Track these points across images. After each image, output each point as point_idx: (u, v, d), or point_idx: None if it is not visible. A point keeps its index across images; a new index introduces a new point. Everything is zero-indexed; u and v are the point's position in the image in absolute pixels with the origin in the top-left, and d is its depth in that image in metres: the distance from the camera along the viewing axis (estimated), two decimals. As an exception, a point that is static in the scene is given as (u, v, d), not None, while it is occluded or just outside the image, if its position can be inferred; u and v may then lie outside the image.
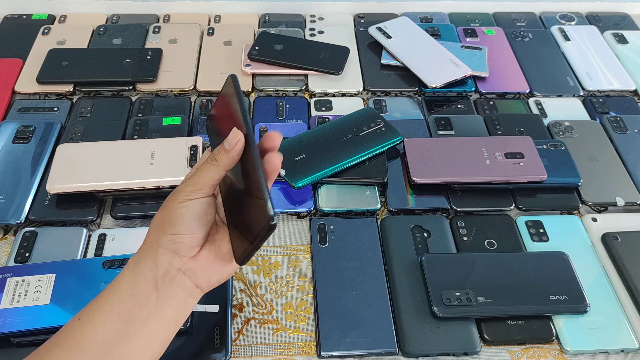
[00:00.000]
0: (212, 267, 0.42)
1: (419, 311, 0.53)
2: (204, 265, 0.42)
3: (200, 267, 0.42)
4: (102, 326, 0.39)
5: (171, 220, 0.41)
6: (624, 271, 0.56)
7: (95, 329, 0.39)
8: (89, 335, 0.39)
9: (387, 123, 0.67)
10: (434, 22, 0.90)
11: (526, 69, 0.81)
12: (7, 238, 0.60)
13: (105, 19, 0.88)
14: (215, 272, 0.43)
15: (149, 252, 0.41)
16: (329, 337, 0.51)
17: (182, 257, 0.41)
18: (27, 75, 0.76)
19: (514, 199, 0.63)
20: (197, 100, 0.75)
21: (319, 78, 0.77)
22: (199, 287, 0.42)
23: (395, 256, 0.58)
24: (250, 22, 0.88)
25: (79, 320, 0.40)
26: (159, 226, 0.42)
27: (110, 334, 0.39)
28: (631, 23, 0.92)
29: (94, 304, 0.41)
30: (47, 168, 0.64)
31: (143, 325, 0.40)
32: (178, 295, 0.41)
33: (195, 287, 0.42)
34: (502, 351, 0.52)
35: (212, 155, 0.42)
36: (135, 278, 0.41)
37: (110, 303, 0.40)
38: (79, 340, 0.39)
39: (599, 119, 0.74)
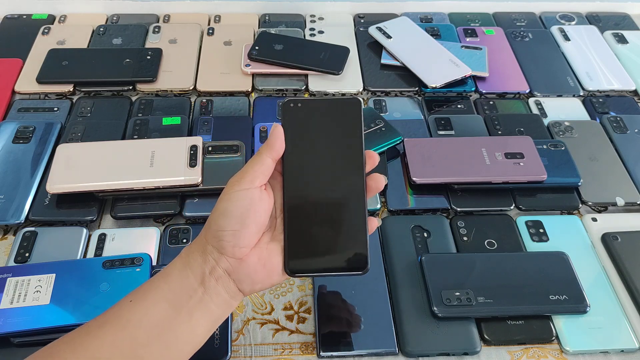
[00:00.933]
0: (257, 274, 0.42)
1: (419, 311, 0.53)
2: (250, 271, 0.41)
3: (246, 272, 0.41)
4: (153, 308, 0.40)
5: (215, 213, 0.41)
6: (624, 271, 0.56)
7: (147, 311, 0.40)
8: (139, 315, 0.40)
9: (387, 123, 0.67)
10: (434, 22, 0.90)
11: (526, 69, 0.81)
12: (7, 238, 0.60)
13: (105, 19, 0.88)
14: (259, 280, 0.42)
15: (200, 245, 0.42)
16: (328, 337, 0.51)
17: (229, 258, 0.41)
18: (27, 75, 0.76)
19: (514, 199, 0.63)
20: (197, 100, 0.75)
21: (319, 78, 0.77)
22: (241, 292, 0.42)
23: (395, 256, 0.58)
24: (250, 22, 0.88)
25: (130, 302, 0.40)
26: (208, 221, 0.42)
27: (160, 318, 0.40)
28: (631, 23, 0.92)
29: (145, 287, 0.41)
30: (47, 168, 0.64)
31: (189, 315, 0.41)
32: (222, 295, 0.41)
33: (238, 290, 0.42)
34: (502, 351, 0.52)
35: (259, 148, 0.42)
36: (186, 269, 0.41)
37: (161, 289, 0.41)
38: (129, 319, 0.40)
39: (599, 119, 0.74)
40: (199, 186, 0.60)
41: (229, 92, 0.76)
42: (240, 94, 0.76)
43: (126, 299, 0.41)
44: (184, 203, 0.61)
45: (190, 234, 0.59)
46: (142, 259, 0.54)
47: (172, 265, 0.42)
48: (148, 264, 0.54)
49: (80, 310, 0.50)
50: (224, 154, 0.63)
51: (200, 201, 0.61)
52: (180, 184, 0.60)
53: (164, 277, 0.41)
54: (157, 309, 0.40)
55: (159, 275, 0.42)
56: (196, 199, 0.61)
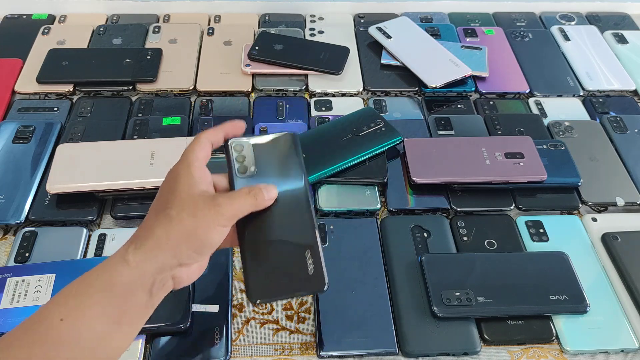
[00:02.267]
0: (195, 274, 0.42)
1: (419, 311, 0.53)
2: (191, 273, 0.42)
3: (187, 275, 0.42)
4: (88, 329, 0.38)
5: (205, 241, 0.41)
6: (624, 271, 0.56)
7: (81, 331, 0.37)
8: (74, 335, 0.37)
9: (387, 123, 0.67)
10: (434, 22, 0.90)
11: (526, 69, 0.81)
12: (7, 238, 0.60)
13: (105, 19, 0.88)
14: (193, 278, 0.43)
15: (158, 252, 0.39)
16: (329, 337, 0.51)
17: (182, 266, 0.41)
18: (27, 75, 0.76)
19: (514, 199, 0.63)
20: (197, 100, 0.75)
21: (319, 78, 0.77)
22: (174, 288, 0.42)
23: (395, 256, 0.58)
24: (250, 22, 0.88)
25: (61, 321, 0.37)
26: (186, 236, 0.40)
27: (99, 336, 0.38)
28: (631, 23, 0.92)
29: (81, 304, 0.38)
30: (47, 168, 0.64)
31: (130, 326, 0.40)
32: (162, 298, 0.41)
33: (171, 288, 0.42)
34: (502, 351, 0.52)
35: (254, 192, 0.43)
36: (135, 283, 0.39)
37: (101, 305, 0.38)
38: (62, 341, 0.37)
39: (599, 119, 0.74)
40: (199, 186, 0.60)
41: (229, 92, 0.76)
42: (240, 94, 0.76)
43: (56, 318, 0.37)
44: (184, 203, 0.61)
45: (190, 234, 0.59)
46: (142, 259, 0.54)
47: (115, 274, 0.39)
48: (148, 264, 0.54)
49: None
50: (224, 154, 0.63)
51: (200, 201, 0.61)
52: (180, 184, 0.60)
53: (105, 290, 0.38)
54: (95, 327, 0.38)
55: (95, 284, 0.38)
56: (196, 199, 0.61)
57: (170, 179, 0.43)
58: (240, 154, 0.48)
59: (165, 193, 0.43)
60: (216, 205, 0.41)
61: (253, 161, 0.47)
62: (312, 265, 0.42)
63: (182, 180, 0.42)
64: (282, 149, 0.48)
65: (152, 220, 0.41)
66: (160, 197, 0.43)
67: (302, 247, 0.43)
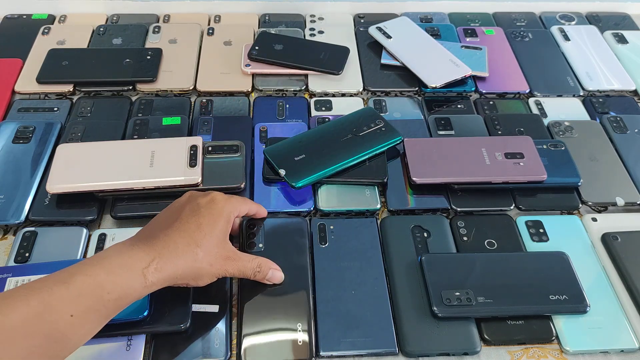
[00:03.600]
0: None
1: (419, 311, 0.53)
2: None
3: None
4: (92, 328, 0.43)
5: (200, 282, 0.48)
6: (624, 271, 0.56)
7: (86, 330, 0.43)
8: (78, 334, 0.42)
9: (387, 123, 0.67)
10: (434, 22, 0.90)
11: (526, 69, 0.81)
12: (7, 238, 0.60)
13: (105, 19, 0.88)
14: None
15: (171, 280, 0.46)
16: (328, 337, 0.51)
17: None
18: (27, 75, 0.76)
19: (514, 199, 0.63)
20: (197, 100, 0.75)
21: (319, 78, 0.77)
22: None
23: (395, 256, 0.58)
24: (250, 22, 0.88)
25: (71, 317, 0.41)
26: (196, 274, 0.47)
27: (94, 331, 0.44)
28: (631, 23, 0.92)
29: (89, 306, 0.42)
30: (47, 168, 0.64)
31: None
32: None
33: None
34: (502, 351, 0.52)
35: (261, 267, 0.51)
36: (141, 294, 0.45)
37: (104, 312, 0.43)
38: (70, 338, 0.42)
39: (599, 119, 0.74)
40: (199, 186, 0.60)
41: (229, 92, 0.76)
42: (240, 94, 0.76)
43: (64, 311, 0.40)
44: (184, 203, 0.61)
45: (190, 234, 0.59)
46: (142, 259, 0.54)
47: (130, 291, 0.43)
48: (148, 264, 0.54)
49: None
50: (224, 154, 0.63)
51: (200, 201, 0.61)
52: (180, 184, 0.60)
53: (118, 300, 0.43)
54: (95, 328, 0.43)
55: (110, 295, 0.42)
56: (196, 199, 0.61)
57: (207, 214, 0.49)
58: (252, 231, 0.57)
59: (196, 225, 0.48)
60: (226, 258, 0.49)
61: (262, 239, 0.57)
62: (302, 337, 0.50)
63: (218, 229, 0.49)
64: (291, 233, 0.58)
65: (179, 243, 0.46)
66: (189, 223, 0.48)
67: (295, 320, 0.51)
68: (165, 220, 0.49)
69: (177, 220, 0.48)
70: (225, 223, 0.50)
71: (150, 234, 0.47)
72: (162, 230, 0.47)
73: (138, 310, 0.50)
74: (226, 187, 0.61)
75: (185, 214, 0.49)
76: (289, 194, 0.63)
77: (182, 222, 0.48)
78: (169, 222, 0.48)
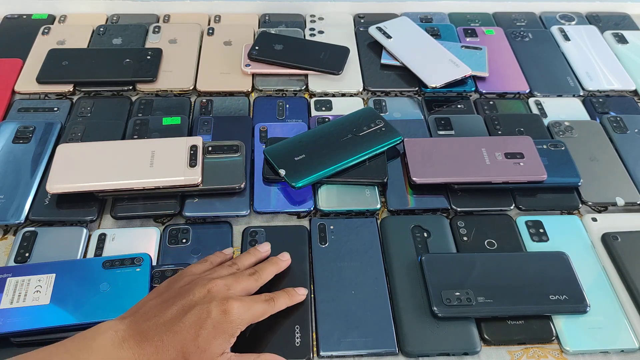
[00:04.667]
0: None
1: (419, 311, 0.53)
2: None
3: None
4: None
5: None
6: (624, 271, 0.56)
7: None
8: None
9: (387, 123, 0.67)
10: (434, 22, 0.90)
11: (526, 69, 0.81)
12: (7, 238, 0.60)
13: (105, 19, 0.88)
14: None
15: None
16: (328, 337, 0.51)
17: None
18: (27, 75, 0.76)
19: (514, 199, 0.63)
20: (197, 100, 0.75)
21: (319, 78, 0.77)
22: None
23: (395, 256, 0.58)
24: (250, 22, 0.88)
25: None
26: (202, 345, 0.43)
27: None
28: (631, 23, 0.92)
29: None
30: (47, 168, 0.64)
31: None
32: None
33: None
34: (502, 351, 0.52)
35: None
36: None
37: None
38: None
39: (599, 119, 0.74)
40: (199, 186, 0.60)
41: (229, 92, 0.76)
42: (240, 94, 0.76)
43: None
44: (183, 203, 0.61)
45: (189, 234, 0.59)
46: (142, 259, 0.54)
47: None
48: (148, 264, 0.54)
49: (80, 310, 0.50)
50: (224, 153, 0.63)
51: (200, 201, 0.61)
52: (180, 184, 0.60)
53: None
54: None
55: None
56: (196, 199, 0.61)
57: (210, 327, 0.44)
58: (253, 238, 0.58)
59: (194, 335, 0.43)
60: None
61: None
62: (299, 339, 0.50)
63: (216, 346, 0.44)
64: (292, 238, 0.59)
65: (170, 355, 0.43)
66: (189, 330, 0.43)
67: (293, 322, 0.51)
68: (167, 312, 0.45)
69: (179, 322, 0.44)
70: (228, 338, 0.45)
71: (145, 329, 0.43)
72: (158, 332, 0.43)
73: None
74: (226, 187, 0.61)
75: (190, 319, 0.44)
76: (289, 194, 0.63)
77: (182, 327, 0.43)
78: (172, 321, 0.44)
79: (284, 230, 0.60)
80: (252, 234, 0.59)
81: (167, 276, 0.53)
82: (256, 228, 0.60)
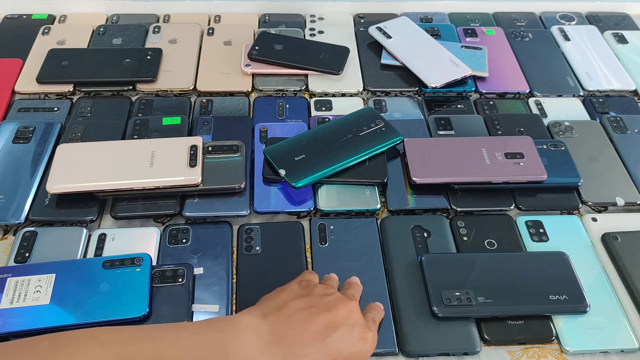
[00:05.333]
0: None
1: (419, 311, 0.53)
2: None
3: None
4: None
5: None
6: (624, 271, 0.56)
7: None
8: None
9: (387, 123, 0.67)
10: (434, 22, 0.90)
11: (526, 69, 0.81)
12: (7, 238, 0.60)
13: (105, 19, 0.88)
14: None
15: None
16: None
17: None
18: (27, 75, 0.76)
19: (514, 199, 0.63)
20: (197, 100, 0.75)
21: (319, 78, 0.77)
22: None
23: (395, 256, 0.58)
24: (250, 22, 0.88)
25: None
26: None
27: None
28: (631, 23, 0.92)
29: None
30: (47, 168, 0.64)
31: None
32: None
33: None
34: (502, 351, 0.52)
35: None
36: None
37: None
38: None
39: (599, 119, 0.74)
40: (199, 186, 0.60)
41: (229, 92, 0.76)
42: (240, 94, 0.76)
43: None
44: (184, 203, 0.61)
45: (189, 234, 0.59)
46: (142, 259, 0.54)
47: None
48: (148, 264, 0.54)
49: (80, 310, 0.50)
50: (224, 154, 0.63)
51: (200, 201, 0.61)
52: (180, 184, 0.60)
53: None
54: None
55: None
56: (196, 199, 0.61)
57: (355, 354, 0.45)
58: (249, 235, 0.58)
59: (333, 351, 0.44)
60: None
61: (259, 243, 0.57)
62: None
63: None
64: (288, 235, 0.59)
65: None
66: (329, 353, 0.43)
67: None
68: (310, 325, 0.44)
69: (324, 341, 0.43)
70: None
71: (291, 337, 0.43)
72: (302, 345, 0.43)
73: (138, 309, 0.50)
74: (226, 187, 0.61)
75: (335, 340, 0.44)
76: (289, 194, 0.63)
77: (326, 347, 0.43)
78: (318, 338, 0.43)
79: (280, 227, 0.60)
80: (248, 231, 0.59)
81: (168, 276, 0.54)
82: (252, 225, 0.60)
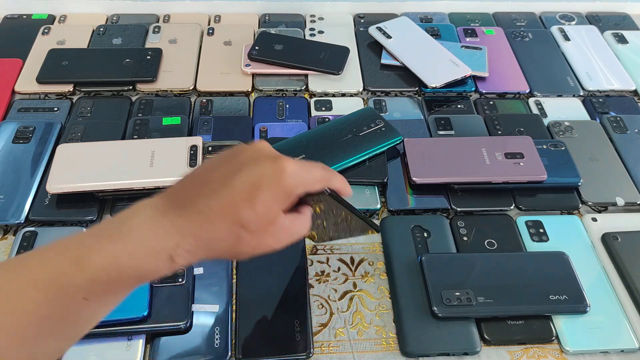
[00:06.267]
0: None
1: (419, 311, 0.53)
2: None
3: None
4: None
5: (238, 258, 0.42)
6: (624, 271, 0.56)
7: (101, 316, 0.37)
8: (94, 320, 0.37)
9: (387, 123, 0.67)
10: (434, 22, 0.90)
11: (526, 69, 0.81)
12: (7, 238, 0.60)
13: (105, 19, 0.88)
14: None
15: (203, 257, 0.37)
16: (329, 337, 0.51)
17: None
18: (27, 75, 0.76)
19: (514, 199, 0.63)
20: (197, 100, 0.75)
21: (319, 78, 0.77)
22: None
23: (395, 256, 0.58)
24: (250, 22, 0.88)
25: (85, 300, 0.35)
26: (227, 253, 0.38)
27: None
28: (631, 23, 0.92)
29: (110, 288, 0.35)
30: (47, 168, 0.64)
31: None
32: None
33: None
34: (502, 351, 0.52)
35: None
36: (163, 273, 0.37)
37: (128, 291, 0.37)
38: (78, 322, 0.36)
39: (599, 119, 0.74)
40: (199, 186, 0.60)
41: (229, 92, 0.76)
42: (240, 94, 0.76)
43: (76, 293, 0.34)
44: (184, 203, 0.61)
45: (190, 234, 0.59)
46: (142, 259, 0.54)
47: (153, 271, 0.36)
48: (148, 264, 0.54)
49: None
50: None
51: (200, 201, 0.61)
52: (180, 184, 0.60)
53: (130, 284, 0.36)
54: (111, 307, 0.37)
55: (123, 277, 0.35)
56: (196, 199, 0.61)
57: (267, 188, 0.37)
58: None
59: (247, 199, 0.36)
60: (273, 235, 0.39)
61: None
62: (299, 335, 0.50)
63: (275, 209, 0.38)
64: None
65: (219, 222, 0.36)
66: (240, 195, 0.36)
67: (292, 317, 0.51)
68: (211, 178, 0.38)
69: (225, 185, 0.37)
70: (285, 200, 0.38)
71: (186, 198, 0.37)
72: (201, 197, 0.37)
73: (138, 309, 0.50)
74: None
75: (239, 182, 0.37)
76: (289, 194, 0.63)
77: (232, 191, 0.36)
78: (215, 184, 0.37)
79: None
80: None
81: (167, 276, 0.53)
82: None
